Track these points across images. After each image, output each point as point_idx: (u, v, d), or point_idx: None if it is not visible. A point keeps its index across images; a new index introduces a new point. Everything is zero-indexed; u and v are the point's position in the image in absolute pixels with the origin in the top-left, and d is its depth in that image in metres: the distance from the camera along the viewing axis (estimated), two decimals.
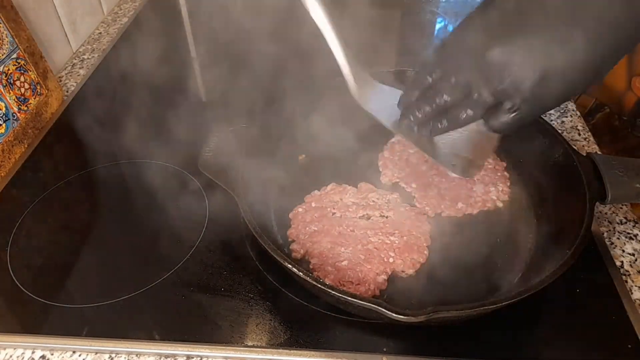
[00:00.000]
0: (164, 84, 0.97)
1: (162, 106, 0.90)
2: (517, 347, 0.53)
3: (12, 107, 0.77)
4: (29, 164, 0.77)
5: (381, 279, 0.57)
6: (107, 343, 0.54)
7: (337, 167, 0.73)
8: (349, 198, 0.66)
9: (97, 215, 0.70)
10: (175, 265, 0.61)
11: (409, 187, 0.69)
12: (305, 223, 0.63)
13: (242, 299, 0.57)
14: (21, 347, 0.54)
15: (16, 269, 0.61)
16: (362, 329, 0.54)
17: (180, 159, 0.75)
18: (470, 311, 0.48)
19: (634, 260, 0.62)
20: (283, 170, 0.71)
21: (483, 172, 0.69)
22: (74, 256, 0.62)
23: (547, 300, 0.56)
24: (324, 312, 0.55)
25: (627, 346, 0.53)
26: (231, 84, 0.98)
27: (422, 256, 0.60)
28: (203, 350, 0.53)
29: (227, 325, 0.55)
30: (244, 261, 0.61)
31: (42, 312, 0.56)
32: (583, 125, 0.83)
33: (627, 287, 0.58)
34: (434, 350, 0.52)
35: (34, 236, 0.66)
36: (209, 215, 0.67)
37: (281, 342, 0.53)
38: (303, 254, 0.60)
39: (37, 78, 0.83)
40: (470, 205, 0.66)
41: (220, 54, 1.08)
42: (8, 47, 0.78)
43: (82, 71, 0.98)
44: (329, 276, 0.57)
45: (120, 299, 0.57)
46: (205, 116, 0.88)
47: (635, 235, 0.65)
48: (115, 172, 0.75)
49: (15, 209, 0.69)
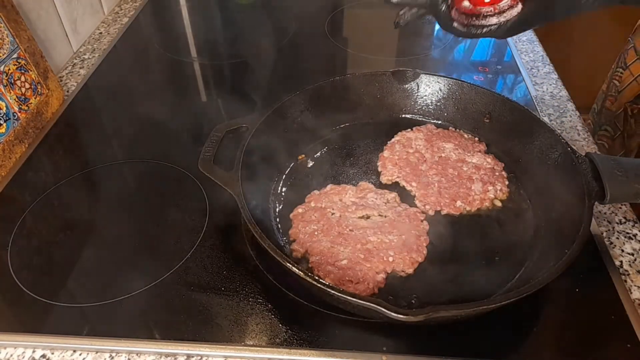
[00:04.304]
0: (163, 83, 0.98)
1: (162, 106, 0.90)
2: (516, 346, 0.53)
3: (12, 106, 0.77)
4: (30, 164, 0.77)
5: (380, 277, 0.57)
6: (108, 342, 0.54)
7: (337, 166, 0.73)
8: (349, 198, 0.67)
9: (97, 215, 0.70)
10: (175, 265, 0.61)
11: (409, 186, 0.69)
12: (305, 223, 0.63)
13: (242, 299, 0.57)
14: (22, 346, 0.54)
15: (17, 268, 0.61)
16: (361, 328, 0.54)
17: (180, 159, 0.75)
18: (470, 310, 0.48)
19: (633, 260, 0.62)
20: (283, 171, 0.72)
21: (482, 171, 0.70)
22: (75, 255, 0.63)
23: (547, 299, 0.56)
24: (324, 312, 0.55)
25: (627, 346, 0.53)
26: (231, 83, 0.98)
27: (421, 255, 0.60)
28: (203, 350, 0.53)
29: (227, 325, 0.55)
30: (244, 261, 0.61)
31: (43, 312, 0.57)
32: (582, 125, 0.83)
33: (626, 286, 0.58)
34: (433, 350, 0.52)
35: (35, 235, 0.66)
36: (209, 215, 0.67)
37: (281, 341, 0.53)
38: (303, 253, 0.60)
39: (37, 78, 0.83)
40: (469, 203, 0.66)
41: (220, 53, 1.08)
42: (9, 47, 0.78)
43: (83, 71, 0.99)
44: (329, 275, 0.57)
45: (120, 298, 0.57)
46: (205, 116, 0.88)
47: (634, 235, 0.65)
48: (115, 172, 0.76)
49: (16, 208, 0.69)
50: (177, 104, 0.91)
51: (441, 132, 0.76)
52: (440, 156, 0.73)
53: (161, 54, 1.06)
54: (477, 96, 0.76)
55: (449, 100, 0.78)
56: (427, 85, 0.78)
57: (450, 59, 1.05)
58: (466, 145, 0.74)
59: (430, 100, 0.79)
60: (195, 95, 0.96)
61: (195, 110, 0.90)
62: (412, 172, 0.70)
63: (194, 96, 0.95)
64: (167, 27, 1.17)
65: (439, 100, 0.79)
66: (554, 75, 0.96)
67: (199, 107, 0.92)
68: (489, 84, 0.92)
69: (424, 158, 0.73)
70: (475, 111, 0.76)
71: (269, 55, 1.03)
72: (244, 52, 1.04)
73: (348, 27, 1.17)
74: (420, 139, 0.75)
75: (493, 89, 0.80)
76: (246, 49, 1.05)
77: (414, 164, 0.72)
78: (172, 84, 0.97)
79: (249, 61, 1.01)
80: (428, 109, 0.80)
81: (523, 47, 1.04)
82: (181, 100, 0.92)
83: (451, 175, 0.70)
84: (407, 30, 1.13)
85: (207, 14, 1.22)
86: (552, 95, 0.90)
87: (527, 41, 1.07)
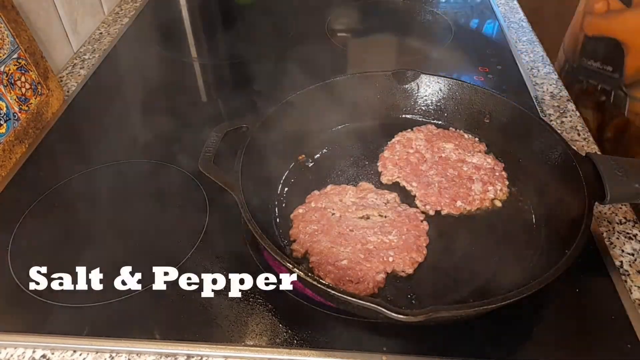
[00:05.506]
0: (164, 83, 0.98)
1: (162, 106, 0.90)
2: (516, 347, 0.53)
3: (12, 107, 0.77)
4: (30, 164, 0.77)
5: (380, 277, 0.57)
6: (108, 342, 0.54)
7: (337, 167, 0.73)
8: (349, 198, 0.67)
9: (97, 215, 0.70)
10: (175, 265, 0.61)
11: (409, 186, 0.69)
12: (305, 223, 0.63)
13: (242, 299, 0.57)
14: (22, 347, 0.54)
15: (17, 268, 0.61)
16: (361, 328, 0.54)
17: (180, 159, 0.75)
18: (470, 311, 0.48)
19: (633, 260, 0.62)
20: (283, 171, 0.72)
21: (482, 171, 0.70)
22: (75, 255, 0.63)
23: (547, 300, 0.56)
24: (324, 312, 0.55)
25: (627, 346, 0.53)
26: (231, 83, 0.98)
27: (421, 255, 0.60)
28: (203, 350, 0.53)
29: (227, 325, 0.55)
30: (244, 261, 0.61)
31: (43, 312, 0.57)
32: (582, 126, 0.83)
33: (626, 287, 0.58)
34: (433, 350, 0.52)
35: (35, 235, 0.66)
36: (209, 215, 0.67)
37: (281, 342, 0.53)
38: (303, 253, 0.60)
39: (37, 78, 0.83)
40: (469, 203, 0.66)
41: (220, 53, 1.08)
42: (9, 47, 0.78)
43: (83, 71, 0.99)
44: (329, 275, 0.57)
45: (120, 299, 0.57)
46: (205, 116, 0.88)
47: (634, 235, 0.65)
48: (115, 172, 0.76)
49: (16, 208, 0.69)
50: (177, 104, 0.91)
51: (441, 133, 0.76)
52: (441, 156, 0.73)
53: (161, 54, 1.06)
54: (477, 96, 0.76)
55: (449, 101, 0.78)
56: (427, 86, 0.78)
57: (451, 59, 1.05)
58: (466, 145, 0.74)
59: (431, 100, 0.79)
60: (195, 95, 0.96)
61: (195, 110, 0.90)
62: (412, 172, 0.70)
63: (194, 96, 0.95)
64: (167, 27, 1.17)
65: (439, 101, 0.79)
66: (554, 75, 0.96)
67: (199, 107, 0.92)
68: (489, 84, 0.92)
69: (424, 158, 0.73)
70: (475, 111, 0.76)
71: (269, 55, 1.03)
72: (244, 52, 1.04)
73: (348, 27, 1.17)
74: (420, 139, 0.75)
75: (493, 89, 0.80)
76: (246, 49, 1.05)
77: (414, 164, 0.72)
78: (172, 84, 0.97)
79: (249, 61, 1.01)
80: (428, 109, 0.80)
81: (523, 47, 1.04)
82: (181, 100, 0.92)
83: (451, 175, 0.70)
84: (407, 31, 1.13)
85: (207, 14, 1.22)
86: (552, 95, 0.90)
87: (527, 41, 1.07)
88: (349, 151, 0.76)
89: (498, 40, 1.08)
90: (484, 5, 1.20)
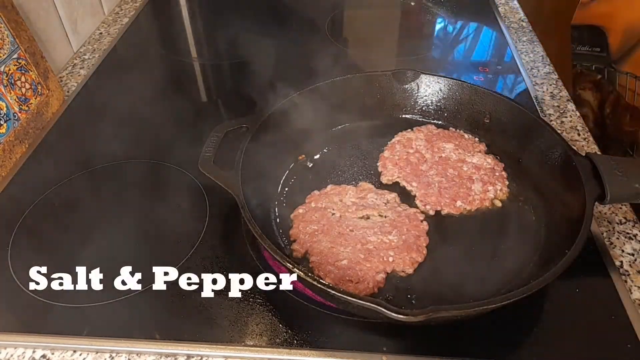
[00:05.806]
0: (164, 83, 0.98)
1: (162, 106, 0.90)
2: (516, 347, 0.53)
3: (13, 107, 0.77)
4: (30, 164, 0.77)
5: (380, 277, 0.57)
6: (108, 342, 0.54)
7: (337, 167, 0.73)
8: (349, 198, 0.67)
9: (97, 215, 0.70)
10: (175, 265, 0.61)
11: (410, 186, 0.69)
12: (305, 223, 0.63)
13: (242, 299, 0.57)
14: (22, 347, 0.54)
15: (17, 268, 0.61)
16: (361, 328, 0.54)
17: (180, 159, 0.75)
18: (470, 311, 0.48)
19: (633, 260, 0.62)
20: (283, 171, 0.72)
21: (482, 171, 0.70)
22: (75, 255, 0.63)
23: (547, 300, 0.56)
24: (324, 312, 0.55)
25: (627, 346, 0.53)
26: (231, 83, 0.99)
27: (421, 255, 0.60)
28: (203, 350, 0.53)
29: (227, 325, 0.55)
30: (244, 261, 0.61)
31: (43, 312, 0.57)
32: (582, 126, 0.83)
33: (626, 287, 0.58)
34: (433, 350, 0.52)
35: (35, 235, 0.66)
36: (209, 215, 0.67)
37: (281, 342, 0.53)
38: (303, 253, 0.60)
39: (37, 78, 0.83)
40: (469, 203, 0.66)
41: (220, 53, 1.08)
42: (9, 47, 0.78)
43: (83, 71, 0.99)
44: (329, 275, 0.57)
45: (120, 299, 0.57)
46: (205, 116, 0.88)
47: (634, 235, 0.65)
48: (115, 172, 0.76)
49: (16, 208, 0.69)
50: (177, 103, 0.91)
51: (441, 133, 0.76)
52: (441, 156, 0.73)
53: (161, 54, 1.06)
54: (477, 96, 0.76)
55: (449, 101, 0.78)
56: (427, 86, 0.78)
57: (451, 59, 1.05)
58: (466, 145, 0.74)
59: (431, 100, 0.79)
60: (195, 95, 0.96)
61: (195, 110, 0.90)
62: (412, 172, 0.70)
63: (194, 96, 0.95)
64: (167, 27, 1.17)
65: (439, 101, 0.79)
66: (554, 75, 0.96)
67: (199, 107, 0.92)
68: (489, 84, 0.92)
69: (424, 158, 0.73)
70: (475, 111, 0.76)
71: (269, 55, 1.03)
72: (244, 52, 1.04)
73: (348, 27, 1.17)
74: (420, 139, 0.75)
75: (493, 89, 0.80)
76: (246, 49, 1.05)
77: (414, 164, 0.72)
78: (172, 84, 0.97)
79: (249, 61, 1.01)
80: (428, 109, 0.80)
81: (523, 47, 1.04)
82: (181, 100, 0.92)
83: (451, 175, 0.70)
84: (407, 31, 1.13)
85: (207, 14, 1.22)
86: (552, 95, 0.90)
87: (527, 41, 1.07)
88: (349, 151, 0.76)
89: (498, 40, 1.08)
90: (484, 5, 1.20)
